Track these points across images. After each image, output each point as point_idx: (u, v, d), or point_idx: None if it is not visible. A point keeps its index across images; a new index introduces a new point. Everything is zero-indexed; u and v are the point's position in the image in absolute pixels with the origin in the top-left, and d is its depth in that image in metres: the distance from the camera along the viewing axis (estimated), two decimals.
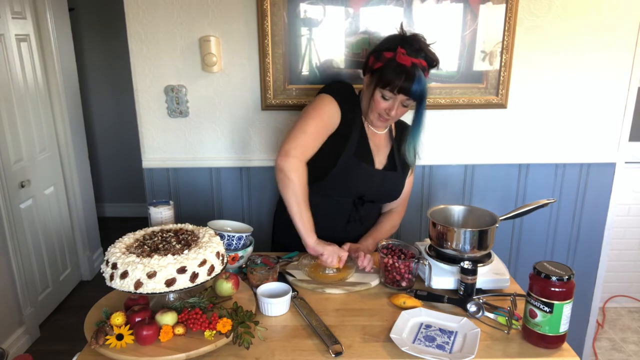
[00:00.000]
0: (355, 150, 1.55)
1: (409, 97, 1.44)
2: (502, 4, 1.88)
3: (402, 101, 1.47)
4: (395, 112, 1.49)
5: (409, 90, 1.41)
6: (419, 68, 1.42)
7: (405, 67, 1.40)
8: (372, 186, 1.60)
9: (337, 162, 1.52)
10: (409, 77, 1.40)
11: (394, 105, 1.47)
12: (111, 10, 4.10)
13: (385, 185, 1.62)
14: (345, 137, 1.53)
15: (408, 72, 1.40)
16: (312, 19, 1.89)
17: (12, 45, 2.66)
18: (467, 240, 1.40)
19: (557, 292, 1.11)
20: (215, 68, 1.93)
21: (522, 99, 2.03)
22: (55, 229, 3.11)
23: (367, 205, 1.64)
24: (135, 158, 2.79)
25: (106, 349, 1.09)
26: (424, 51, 1.44)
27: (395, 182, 1.65)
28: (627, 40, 1.97)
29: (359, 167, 1.55)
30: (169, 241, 1.24)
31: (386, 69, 1.43)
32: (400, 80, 1.41)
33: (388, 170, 1.62)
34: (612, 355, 2.68)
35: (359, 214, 1.63)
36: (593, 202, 2.17)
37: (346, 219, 1.63)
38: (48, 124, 3.05)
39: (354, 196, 1.61)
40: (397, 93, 1.43)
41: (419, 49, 1.43)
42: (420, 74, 1.42)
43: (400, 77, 1.41)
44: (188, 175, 2.10)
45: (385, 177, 1.61)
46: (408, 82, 1.40)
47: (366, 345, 1.17)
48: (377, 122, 1.55)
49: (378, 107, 1.49)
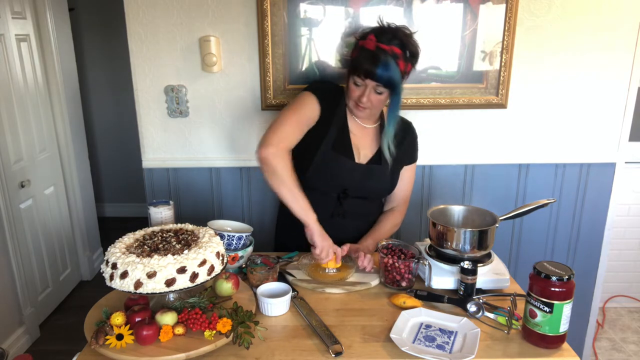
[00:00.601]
0: (334, 144, 1.56)
1: (376, 82, 1.44)
2: (502, 4, 1.88)
3: (373, 87, 1.47)
4: (367, 99, 1.48)
5: (374, 74, 1.42)
6: (388, 54, 1.42)
7: (371, 52, 1.42)
8: (355, 180, 1.60)
9: (316, 155, 1.55)
10: (374, 61, 1.41)
11: (364, 91, 1.48)
12: (111, 10, 4.10)
13: (369, 179, 1.61)
14: (324, 131, 1.56)
15: (373, 56, 1.42)
16: (312, 19, 1.90)
17: (12, 45, 2.66)
18: (467, 240, 1.40)
19: (557, 292, 1.11)
20: (215, 68, 1.93)
21: (522, 99, 2.03)
22: (55, 229, 3.11)
23: (352, 201, 1.63)
24: (135, 158, 2.79)
25: (106, 349, 1.09)
26: (399, 39, 1.44)
27: (380, 176, 1.63)
28: (627, 40, 1.97)
29: (337, 160, 1.57)
30: (169, 241, 1.24)
31: (357, 56, 1.47)
32: (365, 64, 1.42)
33: (373, 164, 1.62)
34: (612, 355, 2.68)
35: (342, 209, 1.63)
36: (593, 202, 2.17)
37: (330, 213, 1.63)
38: (48, 124, 3.05)
39: (337, 190, 1.61)
40: (364, 78, 1.45)
41: (393, 37, 1.44)
42: (388, 60, 1.41)
43: (366, 61, 1.43)
44: (188, 175, 2.10)
45: (368, 170, 1.61)
46: (373, 66, 1.41)
47: (366, 345, 1.17)
48: (355, 110, 1.56)
49: (352, 95, 1.51)
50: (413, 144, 1.71)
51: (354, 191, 1.62)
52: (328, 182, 1.60)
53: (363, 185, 1.62)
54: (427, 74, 1.97)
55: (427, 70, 1.97)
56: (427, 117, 2.04)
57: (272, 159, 1.44)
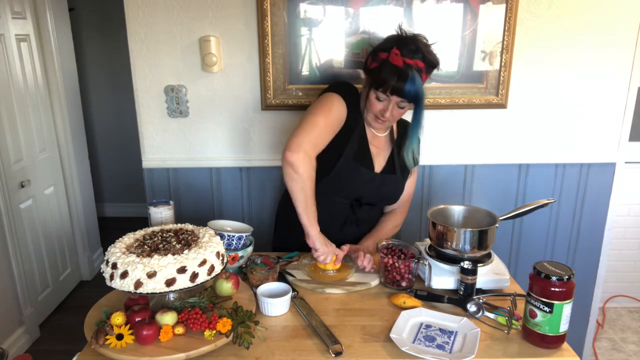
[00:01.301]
0: (355, 154, 1.53)
1: (402, 98, 1.42)
2: (502, 4, 1.88)
3: (397, 103, 1.45)
4: (390, 114, 1.46)
5: (402, 91, 1.40)
6: (414, 69, 1.39)
7: (398, 68, 1.39)
8: (370, 189, 1.59)
9: (337, 164, 1.51)
10: (401, 78, 1.38)
11: (388, 106, 1.46)
12: (111, 10, 4.10)
13: (384, 188, 1.61)
14: (346, 139, 1.52)
15: (401, 73, 1.38)
16: (312, 19, 1.90)
17: (12, 45, 2.66)
18: (467, 240, 1.40)
19: (557, 292, 1.11)
20: (215, 68, 1.93)
21: (522, 99, 2.03)
22: (55, 229, 3.11)
23: (364, 208, 1.63)
24: (135, 158, 2.79)
25: (106, 349, 1.09)
26: (421, 52, 1.41)
27: (394, 185, 1.63)
28: (627, 40, 1.97)
29: (358, 171, 1.54)
30: (169, 241, 1.24)
31: (380, 69, 1.42)
32: (392, 81, 1.39)
33: (387, 173, 1.61)
34: (612, 355, 2.68)
35: (355, 216, 1.63)
36: (593, 202, 2.17)
37: (342, 221, 1.63)
38: (48, 124, 3.05)
39: (352, 198, 1.60)
40: (390, 94, 1.42)
41: (416, 50, 1.40)
42: (415, 75, 1.39)
43: (392, 77, 1.39)
44: (188, 175, 2.10)
45: (383, 180, 1.60)
46: (400, 82, 1.38)
47: (366, 345, 1.17)
48: (374, 123, 1.54)
49: (373, 108, 1.48)
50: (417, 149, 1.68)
51: (366, 199, 1.62)
52: (345, 191, 1.58)
53: (376, 194, 1.61)
54: None
55: None
56: (427, 117, 2.02)
57: (300, 165, 1.38)
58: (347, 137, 1.52)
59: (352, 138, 1.52)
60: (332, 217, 1.60)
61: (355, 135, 1.53)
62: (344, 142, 1.52)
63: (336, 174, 1.52)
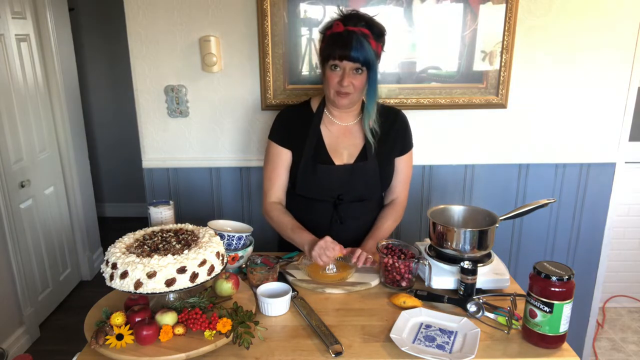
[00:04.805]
0: (313, 154, 1.59)
1: (351, 62, 1.44)
2: (502, 4, 1.88)
3: (351, 69, 1.46)
4: (347, 82, 1.47)
5: (348, 55, 1.43)
6: (358, 34, 1.43)
7: (341, 34, 1.44)
8: (345, 183, 1.60)
9: (298, 170, 1.60)
10: (346, 42, 1.43)
11: (343, 74, 1.47)
12: (111, 10, 4.10)
13: (355, 178, 1.60)
14: (301, 150, 1.60)
15: (344, 38, 1.43)
16: (312, 19, 1.89)
17: (12, 45, 2.66)
18: (467, 240, 1.40)
19: (557, 292, 1.11)
20: (215, 68, 1.93)
21: (522, 99, 2.03)
22: (55, 229, 3.11)
23: (348, 205, 1.63)
24: (135, 158, 2.79)
25: (106, 349, 1.09)
26: (364, 20, 1.46)
27: (367, 172, 1.60)
28: (627, 40, 1.97)
29: (316, 168, 1.58)
30: (169, 241, 1.24)
31: (327, 43, 1.48)
32: (338, 47, 1.44)
33: (359, 162, 1.60)
34: (612, 355, 2.68)
35: (338, 215, 1.64)
36: (593, 202, 2.17)
37: (328, 221, 1.64)
38: (48, 124, 3.05)
39: (331, 197, 1.62)
40: (340, 60, 1.45)
41: (359, 19, 1.46)
42: (361, 40, 1.43)
43: (337, 44, 1.44)
44: (188, 175, 2.10)
45: (355, 170, 1.59)
46: (346, 46, 1.42)
47: (366, 345, 1.17)
48: (338, 100, 1.52)
49: (331, 83, 1.50)
50: (403, 133, 1.66)
51: (348, 195, 1.62)
52: (319, 191, 1.61)
53: (354, 187, 1.61)
54: (427, 74, 1.97)
55: (427, 70, 1.97)
56: (427, 117, 2.04)
57: (268, 214, 1.65)
58: (301, 147, 1.60)
59: (308, 142, 1.59)
60: (318, 218, 1.64)
61: (310, 138, 1.59)
62: (301, 150, 1.60)
63: (301, 178, 1.60)
